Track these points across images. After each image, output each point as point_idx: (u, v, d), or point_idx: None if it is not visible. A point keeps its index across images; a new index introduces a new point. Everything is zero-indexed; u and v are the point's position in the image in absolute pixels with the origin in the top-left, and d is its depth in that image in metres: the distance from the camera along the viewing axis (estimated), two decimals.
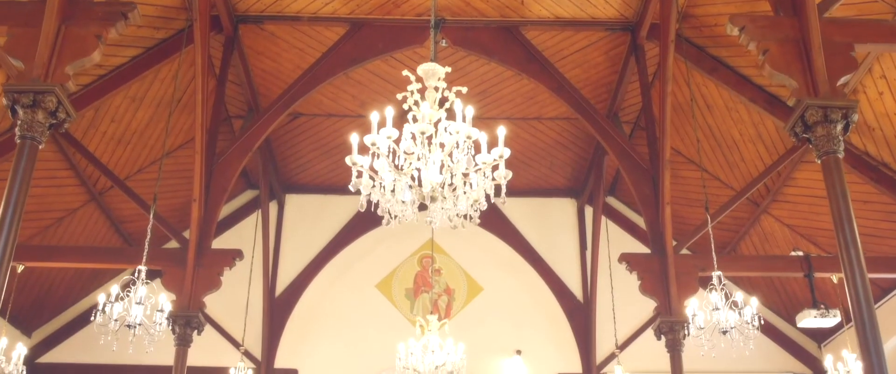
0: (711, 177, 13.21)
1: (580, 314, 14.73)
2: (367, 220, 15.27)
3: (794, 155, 11.20)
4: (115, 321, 7.93)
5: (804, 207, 12.66)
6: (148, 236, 8.66)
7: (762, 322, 8.23)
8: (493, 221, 15.31)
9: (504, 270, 15.18)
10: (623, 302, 14.10)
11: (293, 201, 15.61)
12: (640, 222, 15.28)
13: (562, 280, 15.04)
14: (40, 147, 6.60)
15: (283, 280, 14.91)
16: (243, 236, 14.73)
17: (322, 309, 14.86)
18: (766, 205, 13.08)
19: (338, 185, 15.35)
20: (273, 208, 15.27)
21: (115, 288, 8.16)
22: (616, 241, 14.63)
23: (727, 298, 8.12)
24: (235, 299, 14.20)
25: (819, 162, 6.64)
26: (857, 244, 6.18)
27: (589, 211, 15.38)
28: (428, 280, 14.79)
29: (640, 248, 13.96)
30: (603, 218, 14.63)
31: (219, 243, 13.66)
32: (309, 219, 15.41)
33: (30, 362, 14.33)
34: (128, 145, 12.51)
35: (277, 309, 14.60)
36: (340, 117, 13.66)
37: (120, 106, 11.71)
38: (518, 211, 15.47)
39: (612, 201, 15.66)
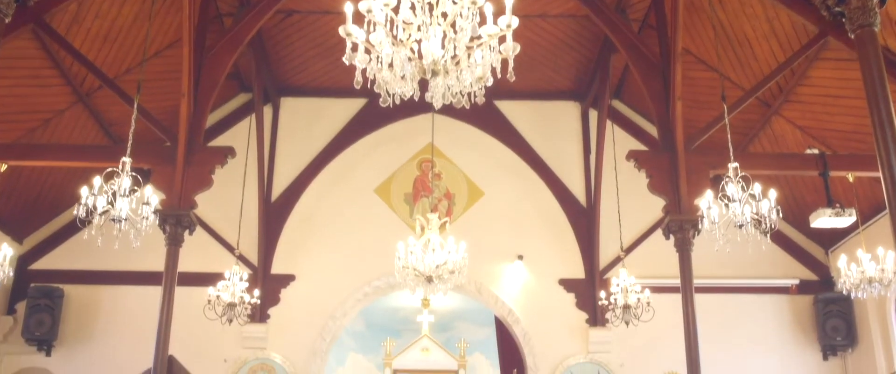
0: (722, 76, 12.70)
1: (583, 219, 14.39)
2: (364, 123, 14.85)
3: (810, 51, 10.65)
4: (100, 215, 7.51)
5: (818, 107, 12.19)
6: (132, 127, 8.20)
7: (780, 215, 7.83)
8: (495, 124, 14.87)
9: (506, 174, 14.78)
10: (628, 208, 13.73)
11: (288, 104, 15.11)
12: (646, 126, 14.86)
13: (565, 185, 14.67)
14: (7, 21, 6.09)
15: (279, 185, 14.53)
16: (237, 140, 14.17)
17: (319, 214, 14.50)
18: (777, 106, 12.60)
19: (334, 87, 14.85)
20: (267, 111, 14.78)
21: (97, 180, 7.73)
22: (621, 145, 14.12)
23: (743, 190, 7.70)
24: (230, 204, 13.84)
25: (852, 36, 6.14)
26: (893, 121, 5.71)
27: (593, 115, 14.91)
28: (427, 185, 14.40)
29: None
30: (608, 122, 14.16)
31: None
32: (305, 122, 14.95)
33: (22, 268, 14.10)
34: (114, 43, 11.94)
35: (273, 215, 14.25)
36: (337, 14, 13.02)
37: (105, 1, 11.14)
38: (520, 114, 15.02)
39: (618, 105, 15.16)
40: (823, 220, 10.58)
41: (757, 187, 7.77)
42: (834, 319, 13.84)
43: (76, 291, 14.06)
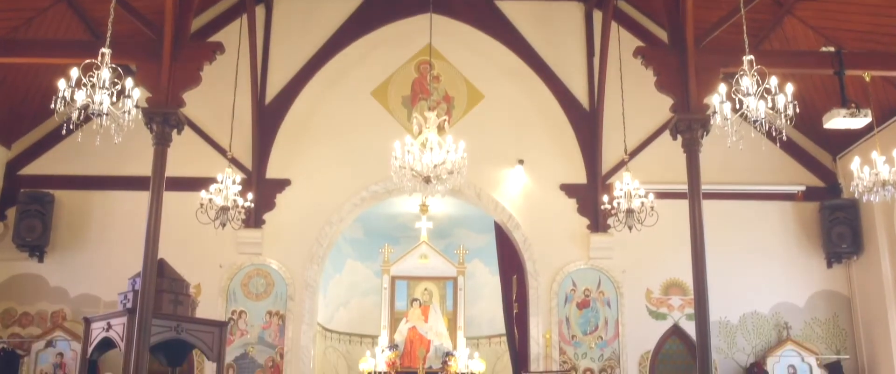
0: None
1: (586, 124, 14.00)
2: (361, 23, 14.30)
3: None
4: (79, 109, 7.11)
5: (832, 5, 11.66)
6: (111, 16, 7.73)
7: (797, 110, 7.43)
8: (496, 25, 14.33)
9: (506, 77, 14.31)
10: (632, 112, 13.32)
11: (282, 3, 14.52)
12: (652, 28, 14.34)
13: (567, 88, 14.20)
14: None
15: (273, 88, 14.06)
16: (229, 42, 13.53)
17: (315, 118, 14.09)
18: (790, 4, 12.07)
19: None
20: (260, 11, 14.20)
21: (74, 71, 7.31)
22: (627, 47, 13.53)
23: (758, 85, 7.29)
24: (222, 108, 13.40)
25: None
26: None
27: (597, 16, 14.36)
28: (426, 87, 13.95)
29: None
30: (613, 23, 13.63)
31: None
32: (299, 22, 14.38)
33: (11, 173, 13.82)
34: None
35: (267, 118, 13.84)
36: None
37: None
38: (521, 15, 14.45)
39: (623, 6, 14.55)
40: (837, 121, 10.18)
41: (773, 81, 7.35)
42: (840, 226, 13.62)
43: (67, 196, 13.79)
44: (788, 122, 7.39)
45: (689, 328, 13.30)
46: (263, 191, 13.61)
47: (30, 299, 13.43)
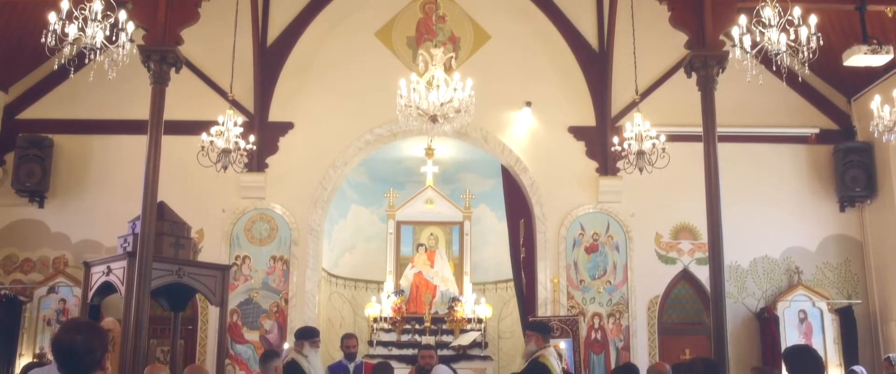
0: None
1: (595, 65, 13.66)
2: None
3: None
4: (71, 43, 6.83)
5: None
6: None
7: (821, 41, 7.12)
8: None
9: (513, 17, 13.91)
10: (644, 52, 12.89)
11: None
12: None
13: (576, 28, 13.82)
14: None
15: (275, 28, 13.69)
16: None
17: (317, 60, 13.75)
18: None
19: None
20: None
21: (65, 4, 7.01)
22: None
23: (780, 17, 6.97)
24: (222, 50, 13.01)
25: None
26: None
27: None
28: (431, 28, 13.60)
29: None
30: None
31: None
32: None
33: (9, 118, 13.59)
34: None
35: (269, 60, 13.52)
36: None
37: None
38: None
39: None
40: (858, 58, 9.84)
41: (796, 11, 7.03)
42: (854, 169, 13.37)
43: (66, 141, 13.57)
44: (811, 55, 7.08)
45: (699, 273, 13.26)
46: (266, 134, 13.35)
47: (31, 245, 13.29)
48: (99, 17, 6.79)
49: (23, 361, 12.15)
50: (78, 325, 3.68)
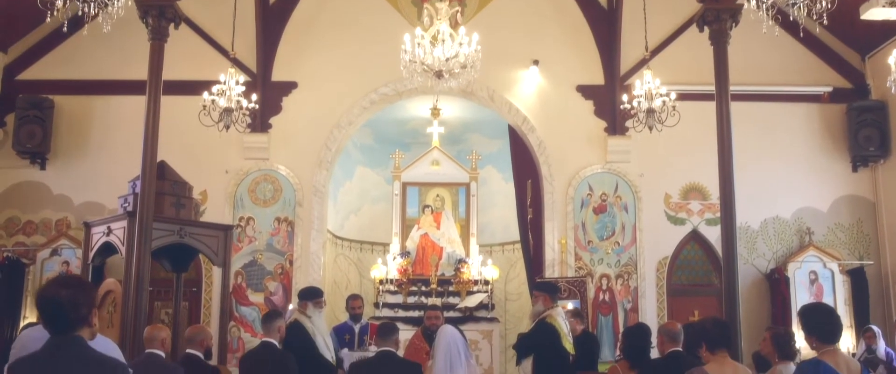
0: None
1: (604, 22, 13.38)
2: None
3: None
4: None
5: None
6: None
7: None
8: None
9: None
10: (654, 9, 12.58)
11: None
12: None
13: None
14: None
15: None
16: None
17: (321, 18, 13.49)
18: None
19: None
20: None
21: None
22: None
23: None
24: (224, 8, 12.72)
25: None
26: None
27: None
28: None
29: None
30: None
31: None
32: None
33: (9, 79, 13.41)
34: None
35: (271, 18, 13.27)
36: None
37: None
38: None
39: None
40: (876, 11, 9.57)
41: None
42: (867, 128, 13.14)
43: (67, 101, 13.38)
44: (829, 5, 6.83)
45: (709, 234, 13.10)
46: (269, 94, 13.16)
47: (33, 207, 13.17)
48: None
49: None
50: (64, 280, 3.52)
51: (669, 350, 6.50)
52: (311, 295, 8.27)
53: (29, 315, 12.33)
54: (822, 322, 5.23)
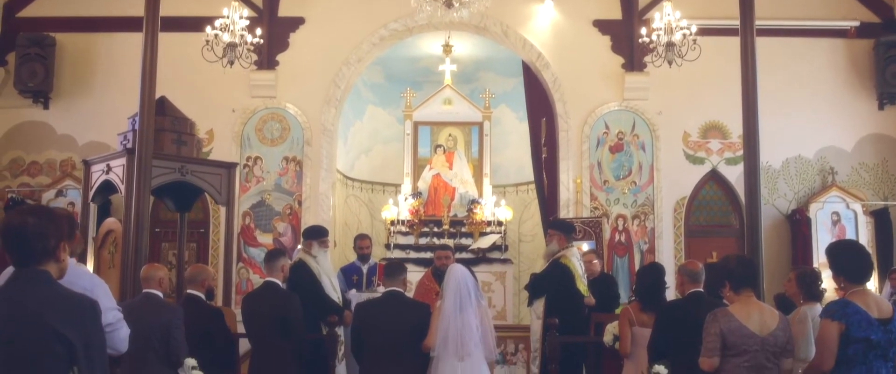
0: None
1: None
2: None
3: None
4: None
5: None
6: None
7: None
8: None
9: None
10: None
11: None
12: None
13: None
14: None
15: None
16: None
17: None
18: None
19: None
20: None
21: None
22: None
23: None
24: None
25: None
26: None
27: None
28: None
29: None
30: None
31: None
32: None
33: (9, 16, 13.10)
34: None
35: None
36: None
37: None
38: None
39: None
40: None
41: None
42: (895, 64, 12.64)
43: (69, 39, 13.05)
44: None
45: (728, 174, 12.77)
46: (276, 30, 12.77)
47: (37, 147, 12.92)
48: None
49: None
50: (32, 208, 3.26)
51: (690, 291, 6.21)
52: (317, 234, 7.99)
53: None
54: (850, 261, 4.93)
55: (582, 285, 7.66)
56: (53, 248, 3.12)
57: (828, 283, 6.34)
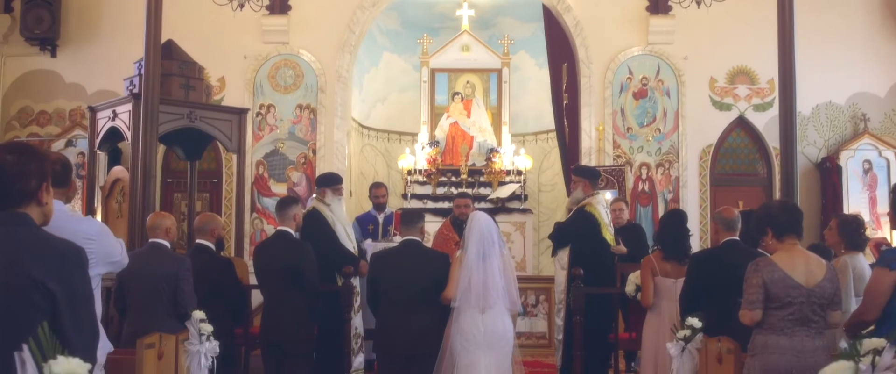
0: None
1: None
2: None
3: None
4: None
5: None
6: None
7: None
8: None
9: None
10: None
11: None
12: None
13: None
14: None
15: None
16: None
17: None
18: None
19: None
20: None
21: None
22: None
23: None
24: None
25: None
26: None
27: None
28: None
29: None
30: None
31: None
32: None
33: None
34: None
35: None
36: None
37: None
38: None
39: None
40: None
41: None
42: None
43: None
44: None
45: (756, 120, 12.39)
46: None
47: (45, 96, 12.62)
48: None
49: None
50: (12, 145, 2.93)
51: (725, 239, 5.87)
52: (330, 181, 7.67)
53: None
54: None
55: (608, 234, 7.33)
56: (34, 189, 2.81)
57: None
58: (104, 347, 4.10)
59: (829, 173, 12.13)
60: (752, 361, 4.54)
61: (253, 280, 7.13)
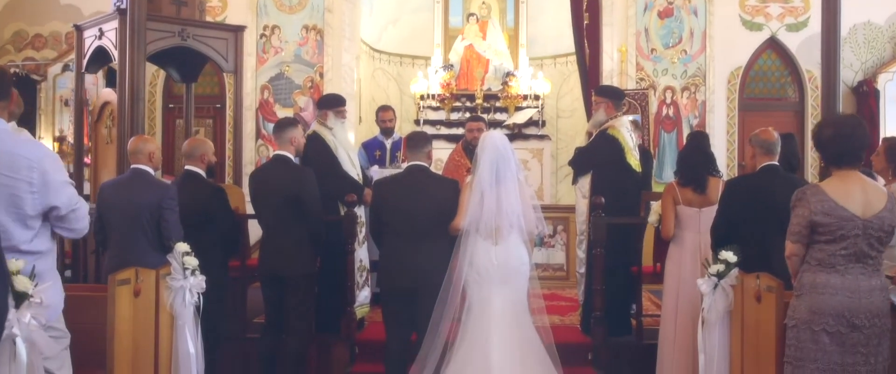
0: None
1: None
2: None
3: None
4: None
5: None
6: None
7: None
8: None
9: None
10: None
11: None
12: None
13: None
14: None
15: None
16: None
17: None
18: None
19: None
20: None
21: None
22: None
23: None
24: None
25: None
26: None
27: None
28: None
29: None
30: None
31: None
32: None
33: None
34: None
35: None
36: None
37: None
38: None
39: None
40: None
41: None
42: None
43: None
44: None
45: (788, 41, 11.80)
46: None
47: (40, 18, 12.09)
48: None
49: (42, 143, 11.27)
50: None
51: (763, 164, 5.31)
52: (332, 103, 7.10)
53: (44, 135, 11.55)
54: None
55: (633, 160, 6.76)
56: None
57: None
58: (57, 291, 3.64)
59: (865, 97, 11.52)
60: (799, 301, 4.01)
61: (249, 209, 6.66)
